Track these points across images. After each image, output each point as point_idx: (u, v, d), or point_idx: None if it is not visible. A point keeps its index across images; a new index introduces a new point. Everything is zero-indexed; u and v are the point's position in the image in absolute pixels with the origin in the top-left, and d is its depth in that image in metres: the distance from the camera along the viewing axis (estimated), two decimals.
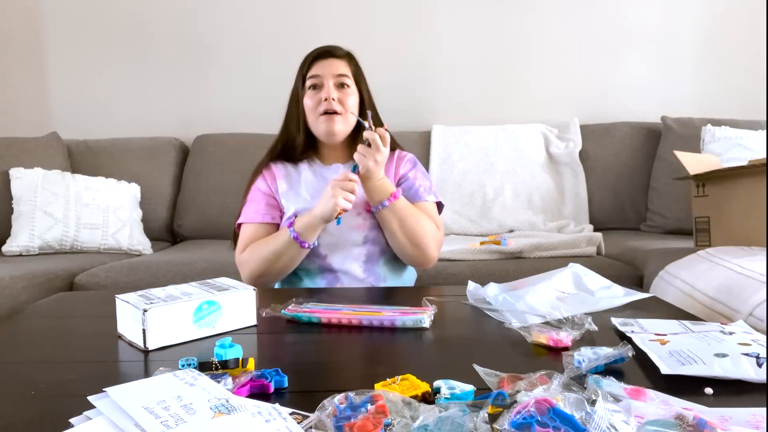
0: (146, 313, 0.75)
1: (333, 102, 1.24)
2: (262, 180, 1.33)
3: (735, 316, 1.00)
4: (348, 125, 1.28)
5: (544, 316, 0.87)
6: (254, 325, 0.87)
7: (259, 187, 1.32)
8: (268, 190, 1.31)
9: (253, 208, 1.30)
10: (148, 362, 0.72)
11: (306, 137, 1.31)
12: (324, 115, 1.25)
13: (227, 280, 0.92)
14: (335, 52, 1.29)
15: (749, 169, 1.41)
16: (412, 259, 1.26)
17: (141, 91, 2.72)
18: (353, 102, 1.28)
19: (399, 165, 1.35)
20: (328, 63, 1.27)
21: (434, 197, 1.33)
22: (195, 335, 0.80)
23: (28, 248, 2.04)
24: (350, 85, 1.27)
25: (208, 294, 0.82)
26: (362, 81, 1.32)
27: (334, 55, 1.28)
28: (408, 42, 2.64)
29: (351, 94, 1.27)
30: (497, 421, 0.48)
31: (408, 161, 1.36)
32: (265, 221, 1.28)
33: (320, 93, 1.25)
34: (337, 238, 1.24)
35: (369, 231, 1.26)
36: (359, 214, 1.25)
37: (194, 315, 0.79)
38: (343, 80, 1.26)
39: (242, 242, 1.27)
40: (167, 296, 0.81)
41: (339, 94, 1.25)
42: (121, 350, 0.77)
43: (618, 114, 2.60)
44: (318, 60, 1.27)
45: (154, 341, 0.76)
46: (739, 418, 0.51)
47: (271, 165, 1.34)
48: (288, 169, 1.34)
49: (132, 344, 0.78)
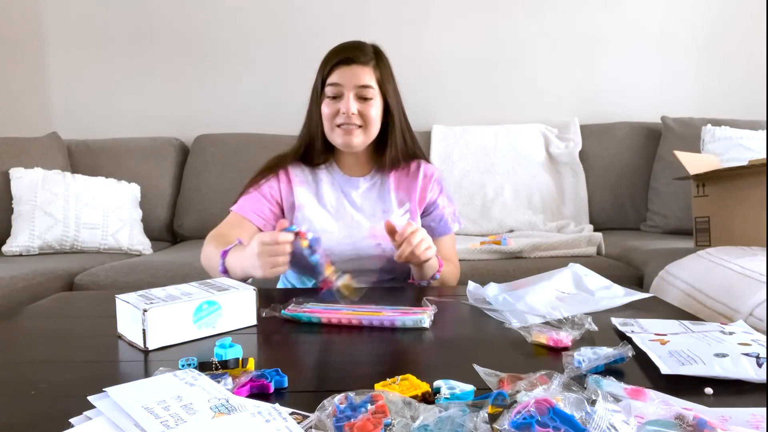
0: (146, 313, 0.74)
1: (352, 116, 1.17)
2: (275, 182, 1.25)
3: (735, 316, 1.00)
4: (368, 137, 1.21)
5: (545, 316, 0.87)
6: (254, 325, 0.86)
7: (269, 190, 1.25)
8: (278, 197, 1.25)
9: (250, 204, 1.24)
10: (148, 362, 0.72)
11: (324, 143, 1.24)
12: (340, 127, 1.18)
13: (227, 280, 0.91)
14: (359, 59, 1.18)
15: (749, 169, 1.41)
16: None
17: (141, 91, 2.72)
18: (375, 113, 1.20)
19: (426, 186, 1.28)
20: (350, 71, 1.17)
21: (458, 225, 1.33)
22: (195, 335, 0.80)
23: (28, 248, 2.04)
24: (373, 96, 1.19)
25: (208, 294, 0.82)
26: (389, 84, 1.22)
27: (358, 61, 1.18)
28: (408, 42, 2.64)
29: (373, 106, 1.19)
30: (497, 421, 0.48)
31: (435, 182, 1.29)
32: (251, 220, 1.23)
33: (339, 103, 1.18)
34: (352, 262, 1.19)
35: (386, 263, 1.21)
36: (379, 245, 1.20)
37: (194, 315, 0.79)
38: (364, 93, 1.18)
39: (219, 227, 1.24)
40: (167, 296, 0.80)
41: (360, 106, 1.18)
42: (121, 350, 0.77)
43: (618, 114, 2.60)
44: (340, 66, 1.18)
45: (154, 341, 0.76)
46: (739, 418, 0.51)
47: (289, 168, 1.26)
48: (306, 173, 1.27)
49: (132, 344, 0.78)
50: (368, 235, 1.21)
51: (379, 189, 1.28)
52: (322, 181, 1.27)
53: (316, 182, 1.27)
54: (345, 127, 1.18)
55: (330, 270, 0.98)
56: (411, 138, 1.29)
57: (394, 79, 1.25)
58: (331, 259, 1.15)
